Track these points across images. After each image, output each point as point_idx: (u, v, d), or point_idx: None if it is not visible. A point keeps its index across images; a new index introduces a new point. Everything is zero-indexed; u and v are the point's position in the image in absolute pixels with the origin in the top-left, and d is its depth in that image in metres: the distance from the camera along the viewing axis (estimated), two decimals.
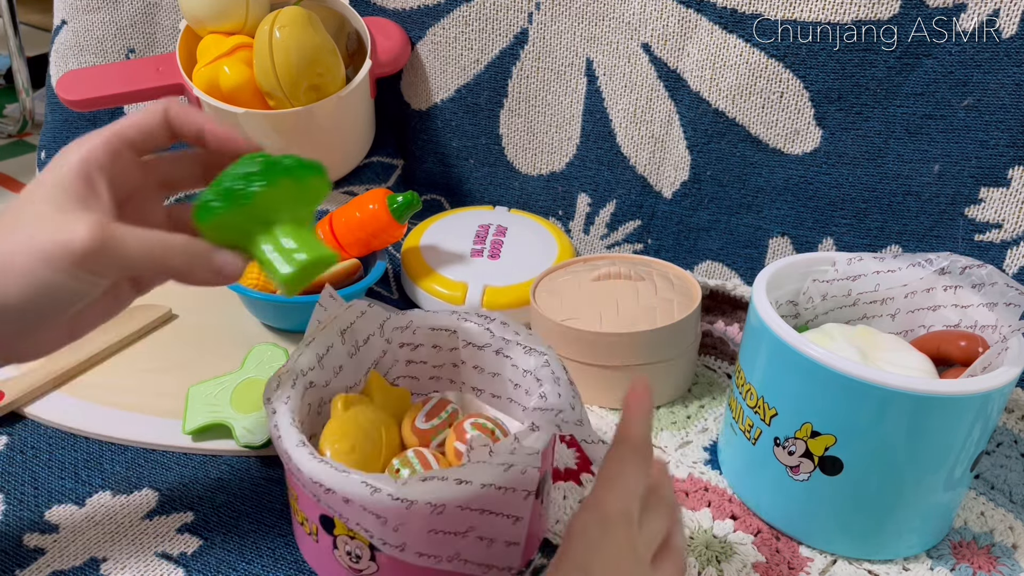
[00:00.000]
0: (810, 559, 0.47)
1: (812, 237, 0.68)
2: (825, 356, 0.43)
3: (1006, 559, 0.47)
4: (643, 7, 0.68)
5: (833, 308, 0.53)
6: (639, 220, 0.75)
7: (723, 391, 0.61)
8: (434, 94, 0.80)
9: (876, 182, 0.65)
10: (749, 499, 0.50)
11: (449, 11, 0.76)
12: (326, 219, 0.65)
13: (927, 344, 0.49)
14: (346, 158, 0.80)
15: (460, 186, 0.83)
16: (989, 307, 0.47)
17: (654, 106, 0.70)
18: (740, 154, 0.68)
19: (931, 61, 0.60)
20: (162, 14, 0.86)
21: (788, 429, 0.45)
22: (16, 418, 0.54)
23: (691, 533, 0.48)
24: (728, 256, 0.72)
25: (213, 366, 0.56)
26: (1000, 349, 0.44)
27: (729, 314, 0.65)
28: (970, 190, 0.62)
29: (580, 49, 0.72)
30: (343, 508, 0.37)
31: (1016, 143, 0.60)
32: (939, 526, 0.48)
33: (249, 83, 0.71)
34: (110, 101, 0.75)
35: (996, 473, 0.53)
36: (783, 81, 0.64)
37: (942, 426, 0.42)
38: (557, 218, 0.79)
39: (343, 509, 0.37)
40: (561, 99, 0.75)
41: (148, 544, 0.45)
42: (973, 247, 0.63)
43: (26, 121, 1.81)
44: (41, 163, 0.88)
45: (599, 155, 0.75)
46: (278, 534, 0.46)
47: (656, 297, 0.58)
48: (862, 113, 0.63)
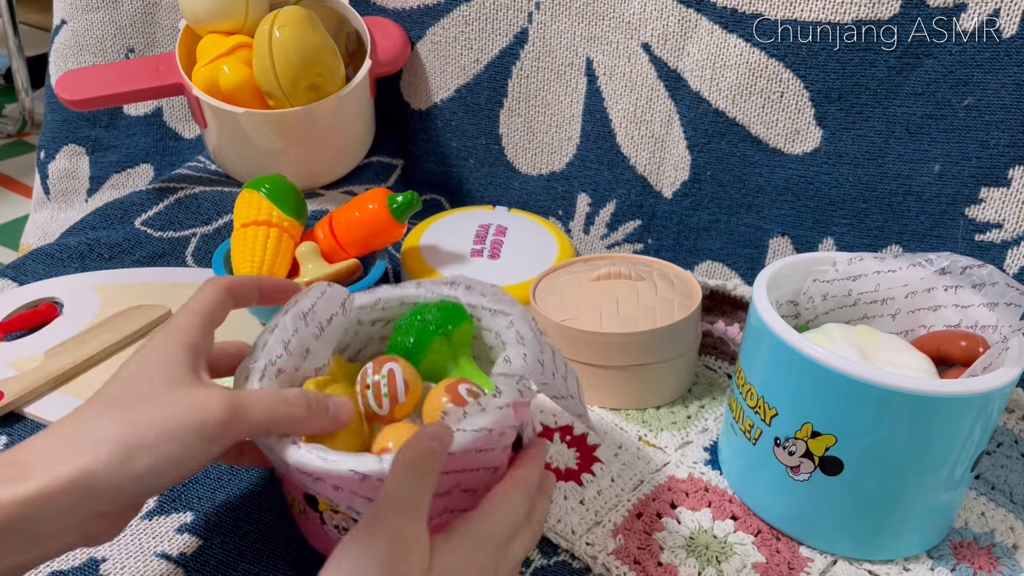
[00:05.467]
0: (810, 559, 0.47)
1: (812, 237, 0.68)
2: (825, 356, 0.42)
3: (1007, 559, 0.47)
4: (643, 7, 0.68)
5: (833, 308, 0.53)
6: (639, 220, 0.75)
7: (723, 391, 0.61)
8: (434, 94, 0.80)
9: (876, 182, 0.65)
10: (749, 499, 0.50)
11: (449, 11, 0.76)
12: (326, 219, 0.65)
13: (927, 344, 0.49)
14: (346, 158, 0.80)
15: (460, 186, 0.83)
16: (990, 307, 0.47)
17: (654, 106, 0.70)
18: (740, 154, 0.68)
19: (931, 61, 0.60)
20: (162, 14, 0.86)
21: (788, 429, 0.45)
22: (16, 418, 0.54)
23: (691, 533, 0.48)
24: (728, 256, 0.72)
25: None
26: (1001, 349, 0.44)
27: (729, 314, 0.65)
28: (970, 190, 0.62)
29: (580, 49, 0.72)
30: (332, 494, 0.37)
31: (1016, 143, 0.60)
32: (940, 526, 0.48)
33: (249, 83, 0.70)
34: (110, 101, 0.75)
35: (997, 473, 0.53)
36: (783, 81, 0.64)
37: (943, 426, 0.42)
38: (557, 218, 0.79)
39: (332, 495, 0.38)
40: (561, 99, 0.75)
41: (147, 544, 0.45)
42: (973, 247, 0.63)
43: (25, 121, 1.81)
44: (40, 163, 0.88)
45: (599, 155, 0.75)
46: (278, 534, 0.46)
47: (656, 297, 0.58)
48: (862, 113, 0.63)
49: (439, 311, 0.45)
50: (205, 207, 0.75)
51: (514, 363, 0.40)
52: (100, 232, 0.73)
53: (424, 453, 0.35)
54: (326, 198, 0.78)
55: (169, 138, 0.89)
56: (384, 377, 0.42)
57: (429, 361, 0.45)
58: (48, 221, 0.88)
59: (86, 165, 0.87)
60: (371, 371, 0.43)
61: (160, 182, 0.78)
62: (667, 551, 0.46)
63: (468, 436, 0.37)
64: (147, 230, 0.73)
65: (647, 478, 0.51)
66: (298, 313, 0.43)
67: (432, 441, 0.36)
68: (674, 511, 0.49)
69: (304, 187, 0.77)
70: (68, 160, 0.87)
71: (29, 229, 0.90)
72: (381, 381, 0.42)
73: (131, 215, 0.74)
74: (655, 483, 0.51)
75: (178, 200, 0.75)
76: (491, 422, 0.38)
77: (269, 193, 0.63)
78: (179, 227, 0.73)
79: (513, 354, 0.41)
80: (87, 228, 0.74)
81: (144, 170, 0.88)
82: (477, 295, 0.46)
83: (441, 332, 0.45)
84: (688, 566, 0.46)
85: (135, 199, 0.76)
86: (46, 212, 0.88)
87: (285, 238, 0.63)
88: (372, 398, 0.42)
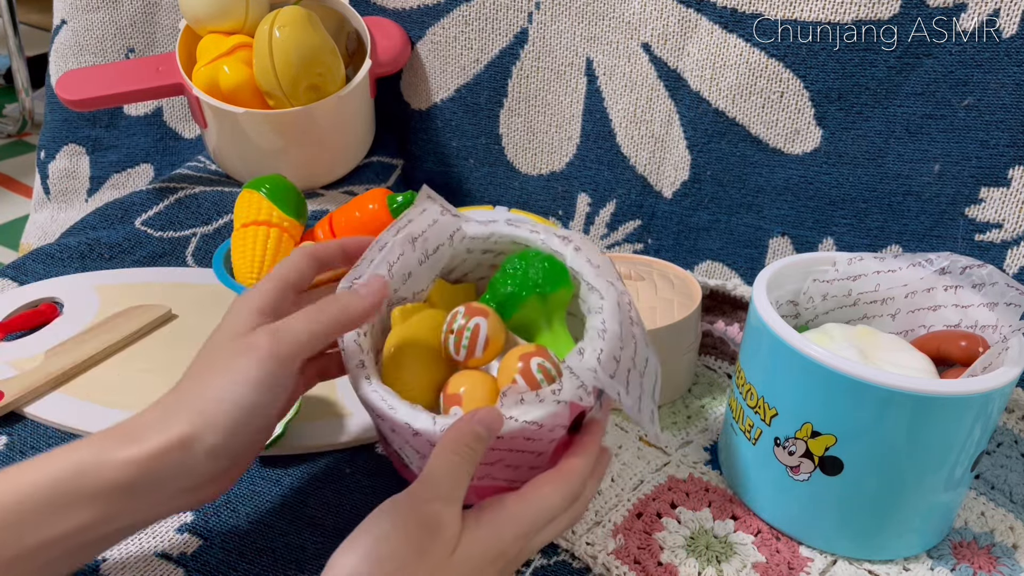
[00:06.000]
0: (810, 559, 0.47)
1: (812, 237, 0.68)
2: (825, 356, 0.42)
3: (1006, 559, 0.47)
4: (643, 7, 0.68)
5: (833, 308, 0.53)
6: (639, 220, 0.75)
7: (723, 391, 0.61)
8: (434, 94, 0.80)
9: (876, 182, 0.65)
10: (749, 499, 0.50)
11: (449, 11, 0.76)
12: (326, 219, 0.65)
13: (927, 344, 0.49)
14: (346, 158, 0.80)
15: (460, 186, 0.83)
16: (989, 307, 0.47)
17: (654, 106, 0.70)
18: (740, 154, 0.68)
19: (931, 61, 0.60)
20: (162, 14, 0.86)
21: (788, 429, 0.45)
22: (16, 418, 0.54)
23: (691, 533, 0.48)
24: (728, 256, 0.72)
25: None
26: (1000, 349, 0.44)
27: (729, 314, 0.65)
28: (970, 190, 0.62)
29: (580, 49, 0.72)
30: (390, 434, 0.41)
31: (1016, 143, 0.60)
32: (939, 526, 0.48)
33: (249, 83, 0.70)
34: (110, 101, 0.75)
35: (996, 473, 0.53)
36: (783, 81, 0.64)
37: (942, 426, 0.42)
38: (557, 218, 0.79)
39: (390, 434, 0.41)
40: (561, 99, 0.75)
41: (148, 544, 0.45)
42: (973, 247, 0.63)
43: (25, 121, 1.81)
44: (41, 163, 0.88)
45: (599, 155, 0.75)
46: (278, 534, 0.46)
47: (656, 297, 0.58)
48: (862, 113, 0.63)
49: (544, 269, 0.45)
50: (205, 207, 0.75)
51: (586, 358, 0.40)
52: (100, 232, 0.73)
53: (471, 437, 0.37)
54: (326, 198, 0.78)
55: (169, 138, 0.89)
56: (469, 329, 0.43)
57: (522, 314, 0.45)
58: (48, 221, 0.88)
59: (86, 165, 0.87)
60: (461, 316, 0.43)
61: (160, 182, 0.78)
62: (667, 551, 0.46)
63: (517, 425, 0.38)
64: (147, 230, 0.73)
65: (647, 478, 0.51)
66: (408, 237, 0.44)
67: (480, 426, 0.37)
68: (674, 511, 0.49)
69: (304, 187, 0.77)
70: (68, 160, 0.87)
71: (29, 229, 0.90)
72: (465, 332, 0.43)
73: (131, 215, 0.74)
74: (655, 483, 0.51)
75: (178, 200, 0.75)
76: (542, 417, 0.39)
77: (269, 193, 0.63)
78: (179, 227, 0.73)
79: (589, 349, 0.41)
80: (87, 228, 0.74)
81: (144, 170, 0.88)
82: (583, 261, 0.45)
83: (538, 291, 0.44)
84: (688, 566, 0.46)
85: (135, 199, 0.76)
86: (46, 212, 0.88)
87: (285, 238, 0.63)
88: (452, 343, 0.43)
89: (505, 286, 0.45)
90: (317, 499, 0.48)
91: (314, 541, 0.46)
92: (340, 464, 0.51)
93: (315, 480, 0.50)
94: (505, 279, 0.45)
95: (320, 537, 0.46)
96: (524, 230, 0.47)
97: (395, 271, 0.44)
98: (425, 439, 0.39)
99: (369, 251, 0.44)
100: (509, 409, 0.39)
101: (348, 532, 0.46)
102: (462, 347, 0.43)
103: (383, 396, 0.40)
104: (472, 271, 0.49)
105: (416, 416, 0.39)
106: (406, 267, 0.45)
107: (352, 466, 0.51)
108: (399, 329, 0.44)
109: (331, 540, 0.46)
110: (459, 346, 0.43)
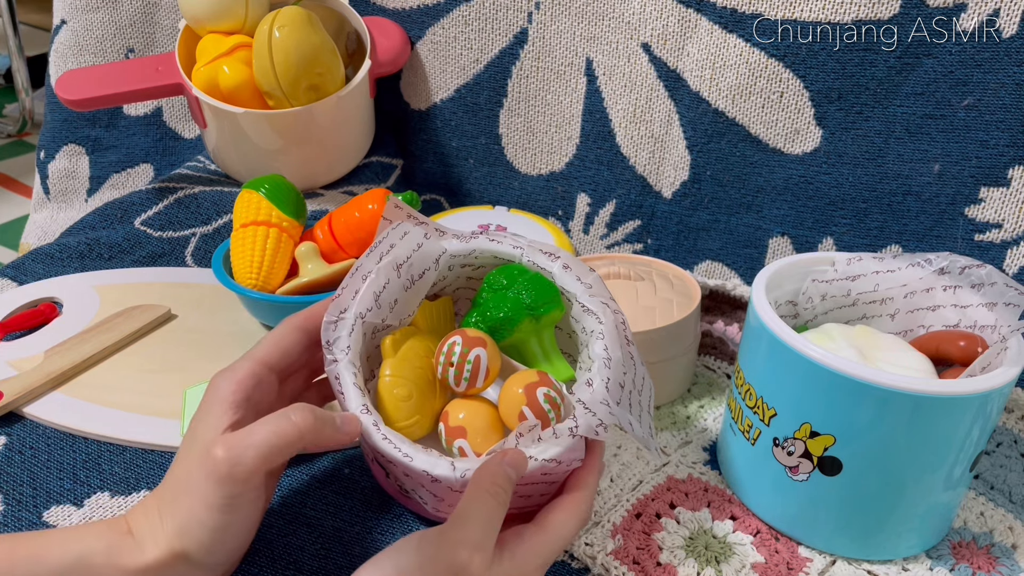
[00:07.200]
0: (809, 559, 0.47)
1: (812, 237, 0.68)
2: (824, 356, 0.42)
3: (1006, 559, 0.47)
4: (643, 7, 0.68)
5: (832, 308, 0.53)
6: (639, 220, 0.75)
7: (723, 391, 0.61)
8: (434, 94, 0.80)
9: (876, 182, 0.65)
10: (748, 499, 0.50)
11: (449, 11, 0.76)
12: (325, 219, 0.65)
13: (926, 344, 0.49)
14: (345, 158, 0.80)
15: (460, 186, 0.83)
16: (988, 307, 0.47)
17: (654, 106, 0.70)
18: (740, 154, 0.68)
19: (931, 61, 0.60)
20: (161, 14, 0.86)
21: (787, 429, 0.45)
22: (15, 418, 0.54)
23: (690, 533, 0.48)
24: (728, 256, 0.72)
25: (212, 367, 0.56)
26: (999, 349, 0.44)
27: (729, 314, 0.65)
28: (970, 190, 0.62)
29: (580, 49, 0.72)
30: (402, 478, 0.40)
31: (1016, 143, 0.60)
32: (939, 526, 0.48)
33: (248, 83, 0.71)
34: (109, 101, 0.75)
35: (996, 473, 0.53)
36: (783, 81, 0.64)
37: (941, 426, 0.42)
38: (557, 218, 0.79)
39: (402, 479, 0.40)
40: (561, 99, 0.75)
41: None
42: (973, 247, 0.63)
43: (25, 121, 1.81)
44: (40, 163, 0.88)
45: (599, 155, 0.75)
46: (277, 534, 0.46)
47: (656, 297, 0.58)
48: (862, 113, 0.63)
49: (534, 290, 0.44)
50: (205, 207, 0.75)
51: (596, 390, 0.41)
52: (100, 232, 0.73)
53: (504, 479, 0.37)
54: (326, 198, 0.78)
55: (169, 138, 0.89)
56: (470, 362, 0.42)
57: (515, 337, 0.45)
58: (48, 221, 0.88)
59: (86, 165, 0.87)
60: (459, 346, 0.42)
61: (160, 182, 0.78)
62: (666, 551, 0.46)
63: (536, 464, 0.39)
64: (147, 230, 0.73)
65: (646, 478, 0.51)
66: (392, 264, 0.43)
67: (510, 468, 0.37)
68: (673, 511, 0.49)
69: (304, 187, 0.77)
70: (68, 160, 0.87)
71: (29, 229, 0.90)
72: (466, 365, 0.42)
73: (131, 215, 0.74)
74: (654, 483, 0.51)
75: (178, 200, 0.75)
76: (559, 453, 0.39)
77: (269, 193, 0.63)
78: (179, 227, 0.73)
79: (597, 379, 0.41)
80: (87, 228, 0.74)
81: (144, 170, 0.88)
82: (574, 279, 0.45)
83: (531, 314, 0.44)
84: (687, 566, 0.46)
85: (135, 199, 0.76)
86: (46, 212, 0.88)
87: (284, 238, 0.63)
88: (453, 376, 0.42)
89: (498, 310, 0.44)
90: (316, 500, 0.48)
91: (313, 542, 0.45)
92: (339, 465, 0.51)
93: (314, 481, 0.50)
94: (497, 302, 0.44)
95: (319, 538, 0.46)
96: (507, 245, 0.47)
97: (382, 300, 0.43)
98: (445, 485, 0.39)
99: (351, 279, 0.43)
100: (528, 448, 0.39)
101: (347, 533, 0.47)
102: (463, 379, 0.42)
103: (396, 445, 0.39)
104: (449, 285, 0.49)
105: (435, 463, 0.39)
106: (393, 294, 0.44)
107: (351, 467, 0.51)
108: (392, 362, 0.44)
109: (330, 541, 0.46)
110: (460, 378, 0.42)
